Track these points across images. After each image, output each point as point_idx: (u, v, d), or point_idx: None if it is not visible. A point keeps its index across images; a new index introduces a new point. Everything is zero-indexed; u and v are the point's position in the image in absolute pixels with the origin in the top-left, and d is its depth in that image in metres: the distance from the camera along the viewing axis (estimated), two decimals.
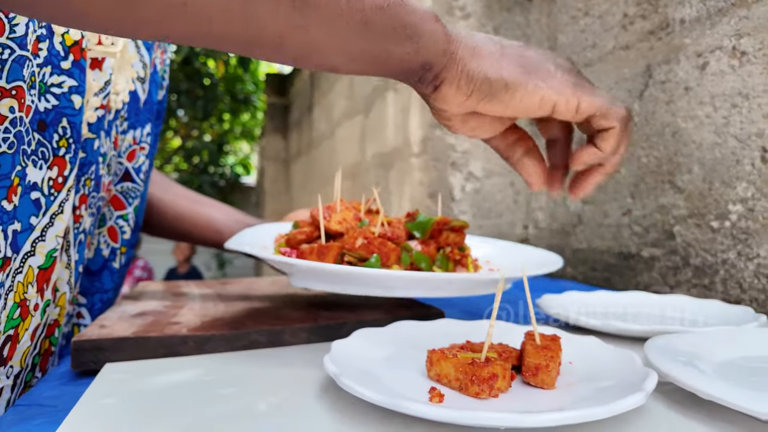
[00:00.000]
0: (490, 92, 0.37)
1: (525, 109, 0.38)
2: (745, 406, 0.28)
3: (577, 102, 0.38)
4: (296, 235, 0.57)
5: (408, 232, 0.57)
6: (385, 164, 2.02)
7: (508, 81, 0.37)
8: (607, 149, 0.40)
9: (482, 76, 0.37)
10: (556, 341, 0.37)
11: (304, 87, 3.73)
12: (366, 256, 0.50)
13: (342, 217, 0.57)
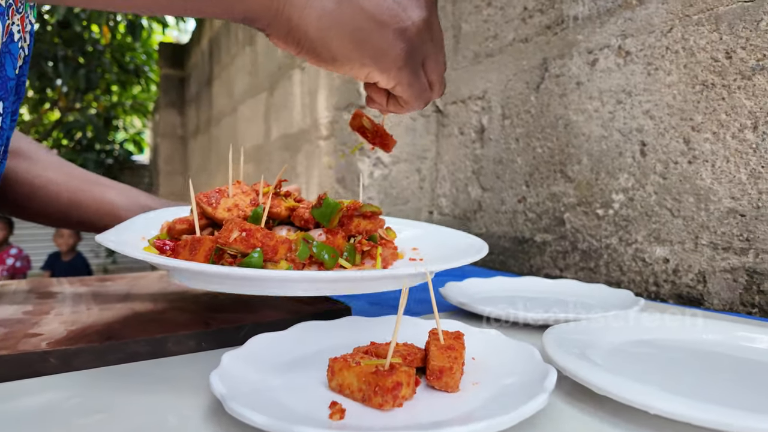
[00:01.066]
0: (317, 57, 0.37)
1: (353, 76, 0.40)
2: (636, 400, 0.30)
3: (394, 84, 0.40)
4: (175, 224, 0.49)
5: (313, 220, 0.50)
6: (292, 147, 1.94)
7: (335, 54, 0.37)
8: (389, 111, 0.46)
9: (308, 43, 0.36)
10: (459, 339, 0.37)
11: (202, 59, 3.47)
12: (245, 251, 0.43)
13: (233, 203, 0.49)
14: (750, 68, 0.66)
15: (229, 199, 0.49)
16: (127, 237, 0.50)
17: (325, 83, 1.54)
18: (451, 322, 0.46)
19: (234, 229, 0.43)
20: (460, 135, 1.18)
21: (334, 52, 0.36)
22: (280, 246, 0.44)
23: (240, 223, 0.43)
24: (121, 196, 0.70)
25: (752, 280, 0.66)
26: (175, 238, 0.49)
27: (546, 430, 0.30)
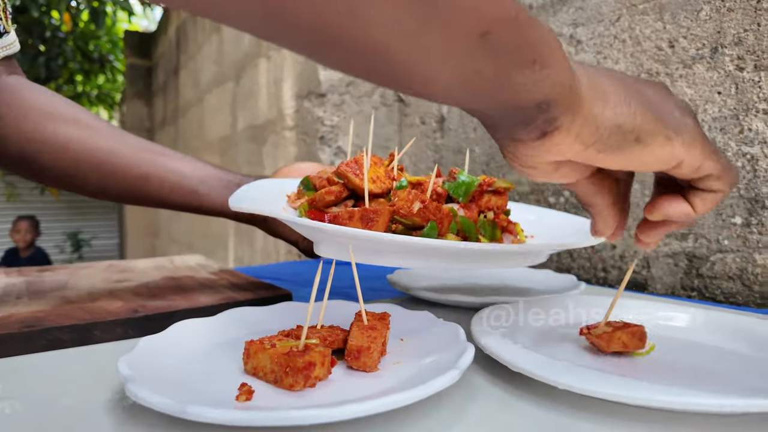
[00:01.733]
0: (617, 144, 0.29)
1: (647, 164, 0.30)
2: (543, 375, 0.30)
3: (702, 162, 0.31)
4: (324, 196, 0.46)
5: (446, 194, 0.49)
6: (258, 137, 1.91)
7: (640, 131, 0.29)
8: (701, 212, 0.33)
9: (613, 125, 0.29)
10: (384, 320, 0.36)
11: (169, 48, 3.39)
12: (422, 224, 0.42)
13: (375, 175, 0.46)
14: (690, 57, 0.67)
15: (370, 170, 0.46)
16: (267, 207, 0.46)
17: (290, 72, 1.51)
18: (383, 305, 0.45)
19: (416, 200, 0.42)
20: (421, 125, 1.18)
21: (639, 128, 0.29)
22: (446, 219, 0.43)
23: (419, 195, 0.43)
24: (191, 166, 0.62)
25: (692, 264, 0.68)
26: (320, 210, 0.47)
27: (458, 405, 0.30)
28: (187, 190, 0.61)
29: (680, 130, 0.30)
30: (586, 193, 0.35)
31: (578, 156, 0.30)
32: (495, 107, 0.28)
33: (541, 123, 0.28)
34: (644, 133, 0.29)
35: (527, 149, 0.30)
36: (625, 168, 0.31)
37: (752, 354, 0.37)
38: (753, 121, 0.61)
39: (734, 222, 0.63)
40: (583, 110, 0.28)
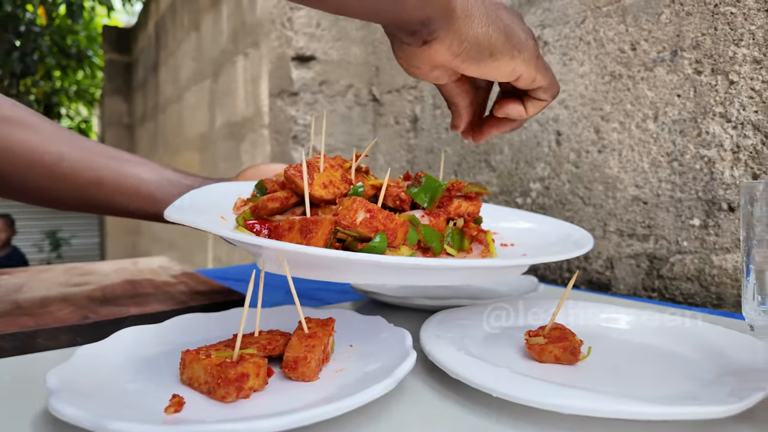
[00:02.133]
0: (476, 56, 0.38)
1: (495, 75, 0.40)
2: (479, 382, 0.30)
3: (536, 76, 0.41)
4: (266, 203, 0.43)
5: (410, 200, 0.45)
6: (236, 135, 1.89)
7: (493, 48, 0.38)
8: (531, 114, 0.44)
9: (473, 40, 0.37)
10: (327, 326, 0.36)
11: (149, 44, 3.34)
12: (368, 236, 0.38)
13: (328, 179, 0.43)
14: (652, 60, 0.68)
15: (322, 175, 0.43)
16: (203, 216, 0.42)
17: (267, 69, 1.50)
18: (343, 311, 0.45)
19: (360, 210, 0.38)
20: (395, 124, 1.18)
21: (493, 46, 0.38)
22: (399, 229, 0.39)
23: (364, 203, 0.39)
24: (149, 171, 0.60)
25: (653, 266, 0.68)
26: (263, 218, 0.43)
27: (397, 413, 0.30)
28: (144, 195, 0.58)
29: (522, 50, 0.39)
30: (450, 94, 0.45)
31: (448, 63, 0.38)
32: (393, 23, 0.37)
33: (424, 34, 0.36)
34: (496, 50, 0.38)
35: (413, 53, 0.38)
36: (481, 77, 0.40)
37: (693, 356, 0.37)
38: (710, 125, 0.62)
39: (693, 224, 0.64)
40: (453, 27, 0.36)
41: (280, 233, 0.39)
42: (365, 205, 0.38)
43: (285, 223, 0.39)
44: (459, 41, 0.37)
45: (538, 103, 0.44)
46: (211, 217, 0.43)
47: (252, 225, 0.42)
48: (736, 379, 0.32)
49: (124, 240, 4.01)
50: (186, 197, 0.45)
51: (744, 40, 0.59)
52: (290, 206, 0.44)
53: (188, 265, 2.50)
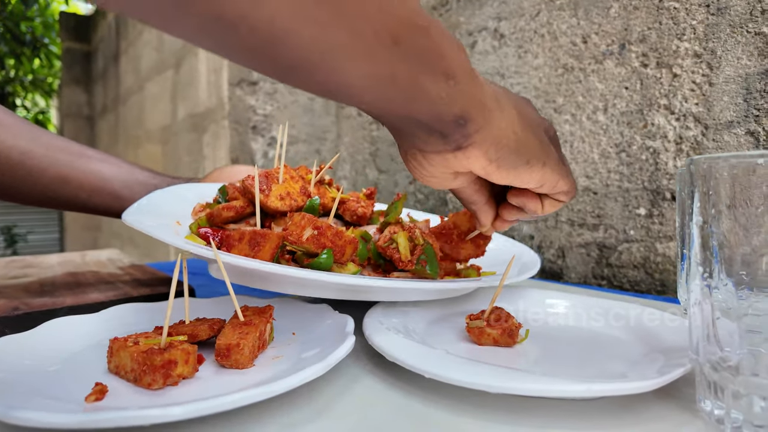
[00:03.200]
0: (513, 164, 0.33)
1: (524, 182, 0.35)
2: (411, 363, 0.30)
3: (559, 181, 0.36)
4: (221, 211, 0.43)
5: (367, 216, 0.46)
6: (198, 127, 1.85)
7: (530, 155, 0.33)
8: (547, 212, 0.40)
9: (512, 145, 0.32)
10: (264, 314, 0.35)
11: (109, 33, 3.22)
12: (314, 251, 0.39)
13: (285, 191, 0.43)
14: (601, 53, 0.69)
15: (281, 186, 0.43)
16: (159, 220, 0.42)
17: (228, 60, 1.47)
18: (291, 300, 0.45)
19: (307, 227, 0.38)
20: (358, 116, 1.17)
21: (530, 152, 0.33)
22: (348, 246, 0.40)
23: (313, 220, 0.39)
24: (115, 169, 0.59)
25: (602, 254, 0.70)
26: (218, 226, 0.43)
27: (330, 396, 0.30)
28: (108, 193, 0.58)
29: (549, 157, 0.35)
30: (470, 195, 0.39)
31: (480, 170, 0.33)
32: (411, 118, 0.29)
33: (458, 137, 0.30)
34: (532, 158, 0.33)
35: (439, 161, 0.32)
36: (509, 183, 0.35)
37: (626, 338, 0.38)
38: (655, 116, 0.64)
39: (639, 213, 0.66)
40: (492, 128, 0.30)
41: (230, 243, 0.39)
42: (313, 221, 0.39)
43: (236, 233, 0.39)
44: (497, 147, 0.31)
45: (556, 203, 0.39)
46: (167, 222, 0.43)
47: (204, 233, 0.42)
48: (664, 357, 0.33)
49: (83, 236, 3.88)
50: (146, 199, 0.45)
51: (686, 34, 0.61)
52: (246, 215, 0.44)
53: (149, 260, 2.43)
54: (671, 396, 0.30)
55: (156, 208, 0.44)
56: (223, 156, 1.61)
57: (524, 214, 0.40)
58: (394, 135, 0.33)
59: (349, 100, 0.28)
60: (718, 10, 0.58)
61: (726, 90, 0.57)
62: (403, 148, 0.34)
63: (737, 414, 0.26)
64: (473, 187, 0.38)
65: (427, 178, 0.35)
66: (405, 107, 0.28)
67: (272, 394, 0.26)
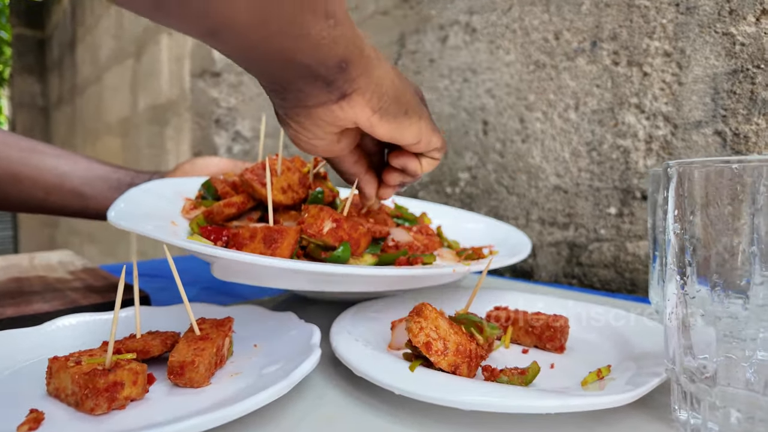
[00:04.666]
0: (394, 113, 0.34)
1: (405, 136, 0.35)
2: (380, 379, 0.28)
3: (432, 138, 0.38)
4: (222, 209, 0.41)
5: None
6: (160, 119, 1.78)
7: (408, 105, 0.34)
8: (426, 170, 0.41)
9: (392, 93, 0.33)
10: (222, 327, 0.33)
11: (64, 19, 3.07)
12: (332, 245, 0.38)
13: (286, 183, 0.42)
14: (573, 50, 0.69)
15: (281, 179, 0.42)
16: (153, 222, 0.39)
17: (191, 49, 1.41)
18: (253, 307, 0.42)
19: (327, 219, 0.37)
20: None
21: (407, 103, 0.34)
22: (363, 238, 0.40)
23: (331, 212, 0.38)
24: (71, 164, 0.55)
25: (572, 253, 0.70)
26: (219, 224, 0.41)
27: (296, 414, 0.28)
28: (68, 191, 0.55)
29: (423, 112, 0.36)
30: (350, 166, 0.40)
31: (365, 122, 0.33)
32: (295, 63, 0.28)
33: (341, 83, 0.30)
34: (410, 108, 0.35)
35: (321, 115, 0.32)
36: (391, 139, 0.35)
37: (599, 342, 0.37)
38: (626, 115, 0.64)
39: (609, 212, 0.66)
40: (373, 75, 0.31)
41: (240, 242, 0.37)
42: (332, 214, 0.38)
43: (245, 231, 0.37)
44: (379, 93, 0.32)
45: (431, 161, 0.41)
46: (160, 223, 0.40)
47: (208, 232, 0.40)
48: (636, 365, 0.32)
49: (39, 233, 3.70)
50: (124, 199, 0.42)
51: (656, 33, 0.61)
52: (246, 211, 0.42)
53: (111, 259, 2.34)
54: (646, 405, 0.29)
55: (137, 208, 0.41)
56: (186, 150, 1.55)
57: (406, 177, 0.41)
58: (277, 96, 0.32)
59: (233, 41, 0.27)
60: (687, 9, 0.58)
61: (695, 89, 0.58)
62: (284, 110, 0.33)
63: (713, 425, 0.25)
64: (352, 157, 0.39)
65: (311, 141, 0.34)
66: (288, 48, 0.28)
67: (229, 419, 0.24)
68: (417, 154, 0.39)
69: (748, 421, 0.23)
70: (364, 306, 0.43)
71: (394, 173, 0.41)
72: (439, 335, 0.29)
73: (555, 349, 0.36)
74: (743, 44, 0.54)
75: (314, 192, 0.43)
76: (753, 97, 0.53)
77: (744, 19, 0.53)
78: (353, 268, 0.35)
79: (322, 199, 0.43)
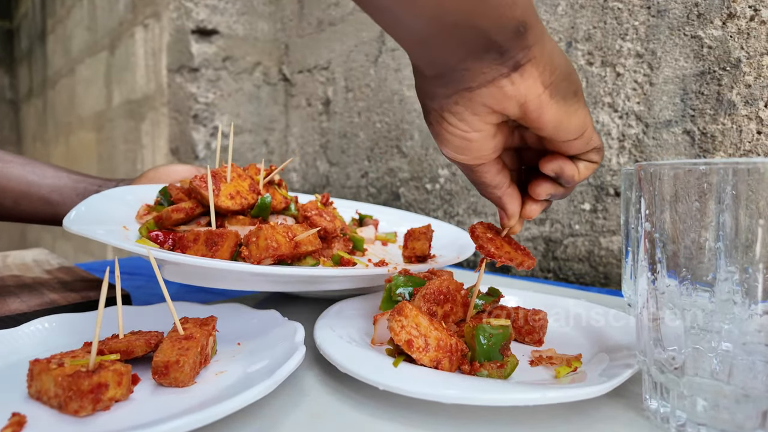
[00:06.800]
0: (564, 93, 0.29)
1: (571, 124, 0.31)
2: (365, 375, 0.29)
3: (592, 135, 0.32)
4: (171, 214, 0.43)
5: None
6: (136, 114, 1.74)
7: (577, 87, 0.30)
8: (584, 176, 0.35)
9: (565, 70, 0.29)
10: (206, 326, 0.33)
11: (33, 9, 2.97)
12: None
13: (235, 189, 0.44)
14: None
15: (229, 185, 0.43)
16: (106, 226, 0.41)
17: (168, 44, 1.38)
18: (236, 305, 0.42)
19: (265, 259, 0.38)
20: (308, 106, 1.14)
21: (576, 83, 0.30)
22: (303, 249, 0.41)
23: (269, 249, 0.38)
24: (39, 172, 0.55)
25: (548, 248, 0.72)
26: (168, 228, 0.43)
27: (280, 411, 0.28)
28: (37, 198, 0.55)
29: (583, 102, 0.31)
30: (493, 176, 0.35)
31: (535, 98, 0.29)
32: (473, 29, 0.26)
33: (516, 51, 0.27)
34: (579, 89, 0.31)
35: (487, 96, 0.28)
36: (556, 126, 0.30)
37: (574, 335, 0.39)
38: (600, 114, 0.66)
39: (584, 208, 0.68)
40: (546, 45, 0.28)
41: (185, 245, 0.40)
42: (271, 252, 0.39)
43: (190, 234, 0.40)
44: (552, 66, 0.28)
45: (590, 165, 0.34)
46: (113, 227, 0.42)
47: (156, 236, 0.42)
48: (609, 356, 0.34)
49: (11, 229, 3.60)
50: (83, 204, 0.44)
51: (629, 34, 0.62)
52: (195, 216, 0.44)
53: (85, 256, 2.29)
54: (618, 395, 0.31)
55: (97, 213, 0.43)
56: (163, 145, 1.53)
57: (557, 188, 0.35)
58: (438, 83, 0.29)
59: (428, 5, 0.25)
60: (658, 12, 0.60)
61: (665, 90, 0.60)
62: (441, 101, 0.30)
63: (681, 413, 0.27)
64: (497, 165, 0.34)
65: (466, 135, 0.31)
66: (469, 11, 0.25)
67: (215, 418, 0.24)
68: (572, 157, 0.34)
69: (713, 409, 0.25)
70: (347, 303, 0.43)
71: (544, 184, 0.35)
72: (420, 332, 0.30)
73: (534, 342, 0.37)
74: (710, 47, 0.56)
75: (261, 198, 0.45)
76: (719, 98, 0.55)
77: (711, 22, 0.55)
78: (285, 269, 0.37)
79: (269, 205, 0.45)
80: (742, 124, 0.54)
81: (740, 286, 0.26)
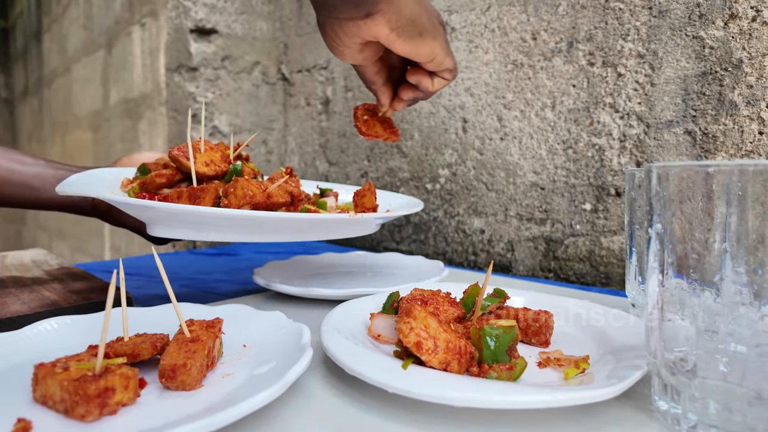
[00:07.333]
0: (409, 34, 0.39)
1: (419, 53, 0.42)
2: (374, 378, 0.28)
3: (445, 59, 0.44)
4: (154, 178, 0.48)
5: None
6: (133, 113, 1.73)
7: (422, 28, 0.40)
8: (436, 88, 0.47)
9: (409, 17, 0.39)
10: (212, 328, 0.33)
11: (29, 7, 2.95)
12: None
13: (209, 158, 0.50)
14: (550, 50, 0.70)
15: (204, 155, 0.49)
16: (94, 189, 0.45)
17: (166, 43, 1.38)
18: (240, 306, 0.42)
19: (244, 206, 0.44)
20: (306, 106, 1.14)
21: (422, 26, 0.40)
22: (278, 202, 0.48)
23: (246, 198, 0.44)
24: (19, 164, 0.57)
25: (549, 248, 0.72)
26: (152, 192, 0.48)
27: (289, 414, 0.28)
28: (17, 183, 0.57)
29: (438, 35, 0.42)
30: (371, 75, 0.47)
31: (384, 38, 0.39)
32: None
33: (368, 5, 0.36)
34: (424, 30, 0.41)
35: (350, 27, 0.38)
36: (405, 55, 0.41)
37: (579, 336, 0.39)
38: (601, 114, 0.66)
39: (585, 208, 0.68)
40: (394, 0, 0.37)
41: (170, 201, 0.44)
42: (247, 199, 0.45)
43: (174, 192, 0.45)
44: (398, 16, 0.38)
45: (442, 80, 0.47)
46: (102, 192, 0.45)
47: (142, 195, 0.47)
48: (615, 358, 0.33)
49: (5, 229, 3.57)
50: (71, 177, 0.47)
51: (630, 35, 0.62)
52: (175, 182, 0.49)
53: (83, 256, 2.28)
54: (628, 397, 0.30)
55: (82, 187, 0.45)
56: (161, 145, 1.52)
57: (419, 93, 0.48)
58: (320, 9, 0.39)
59: None
60: (659, 12, 0.60)
61: (666, 90, 0.60)
62: (325, 22, 0.40)
63: (693, 415, 0.26)
64: (374, 68, 0.46)
65: (340, 47, 0.41)
66: None
67: (225, 423, 0.24)
68: (431, 73, 0.45)
69: (725, 411, 0.25)
70: (352, 303, 0.43)
71: (408, 89, 0.48)
72: (429, 334, 0.30)
73: (540, 343, 0.37)
74: (712, 47, 0.56)
75: (233, 165, 0.50)
76: (721, 98, 0.55)
77: (713, 23, 0.55)
78: (263, 213, 0.42)
79: (240, 171, 0.50)
80: (743, 125, 0.54)
81: (748, 287, 0.26)
